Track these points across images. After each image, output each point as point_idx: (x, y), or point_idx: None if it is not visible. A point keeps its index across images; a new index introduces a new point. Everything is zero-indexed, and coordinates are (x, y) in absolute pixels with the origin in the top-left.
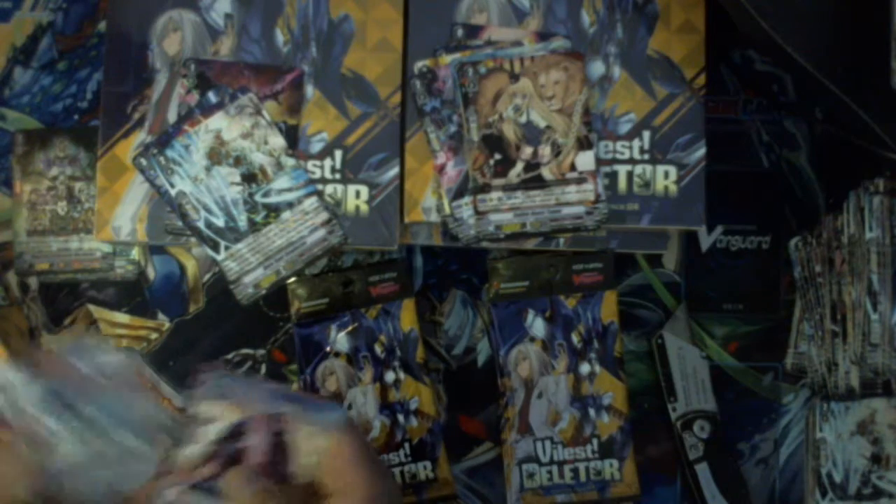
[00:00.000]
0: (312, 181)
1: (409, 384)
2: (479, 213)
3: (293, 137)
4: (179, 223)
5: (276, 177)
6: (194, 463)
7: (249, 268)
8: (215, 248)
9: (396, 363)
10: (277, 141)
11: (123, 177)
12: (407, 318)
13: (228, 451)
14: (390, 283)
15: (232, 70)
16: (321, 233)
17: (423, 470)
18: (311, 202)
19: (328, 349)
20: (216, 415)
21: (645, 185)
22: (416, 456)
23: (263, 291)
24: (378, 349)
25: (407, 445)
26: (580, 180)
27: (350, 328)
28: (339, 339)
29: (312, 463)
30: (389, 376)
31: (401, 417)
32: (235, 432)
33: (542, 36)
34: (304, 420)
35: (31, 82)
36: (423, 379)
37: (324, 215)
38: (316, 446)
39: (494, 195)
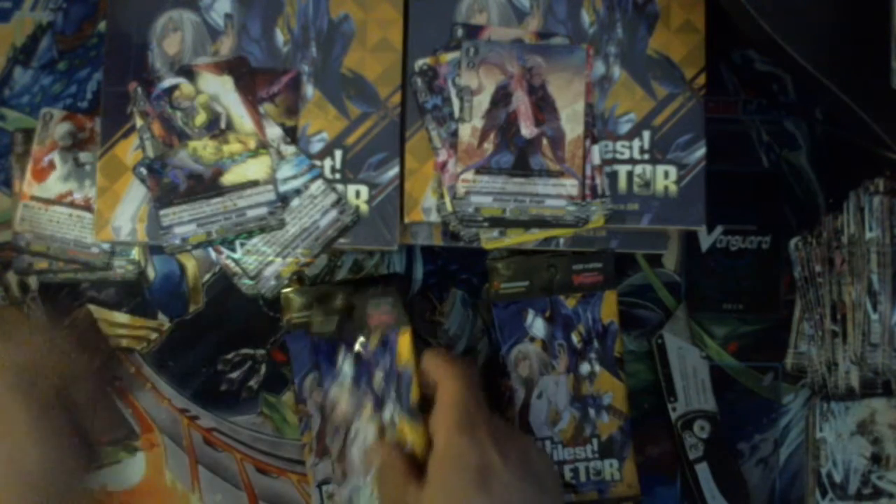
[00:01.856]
0: (315, 165)
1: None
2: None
3: (292, 138)
4: None
5: (278, 166)
6: None
7: (268, 260)
8: (230, 245)
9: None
10: (274, 131)
11: (123, 177)
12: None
13: None
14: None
15: None
16: (333, 214)
17: None
18: (318, 185)
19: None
20: None
21: (645, 185)
22: None
23: (286, 281)
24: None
25: None
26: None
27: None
28: None
29: None
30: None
31: None
32: None
33: (543, 36)
34: None
35: (31, 82)
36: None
37: (332, 196)
38: None
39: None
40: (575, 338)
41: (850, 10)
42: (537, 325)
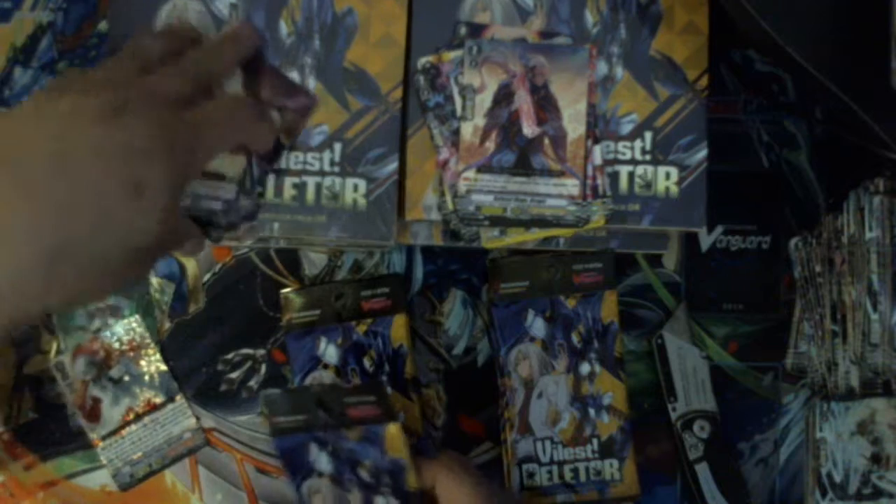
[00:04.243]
0: None
1: (395, 399)
2: (463, 194)
3: (278, 153)
4: None
5: None
6: None
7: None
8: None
9: (384, 378)
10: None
11: None
12: (397, 334)
13: None
14: (382, 298)
15: None
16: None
17: None
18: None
19: (319, 360)
20: None
21: (646, 186)
22: None
23: None
24: (367, 363)
25: None
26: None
27: (339, 341)
28: (329, 351)
29: None
30: None
31: None
32: None
33: (546, 35)
34: None
35: (31, 82)
36: (410, 395)
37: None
38: None
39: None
40: (575, 338)
41: (850, 10)
42: (537, 325)
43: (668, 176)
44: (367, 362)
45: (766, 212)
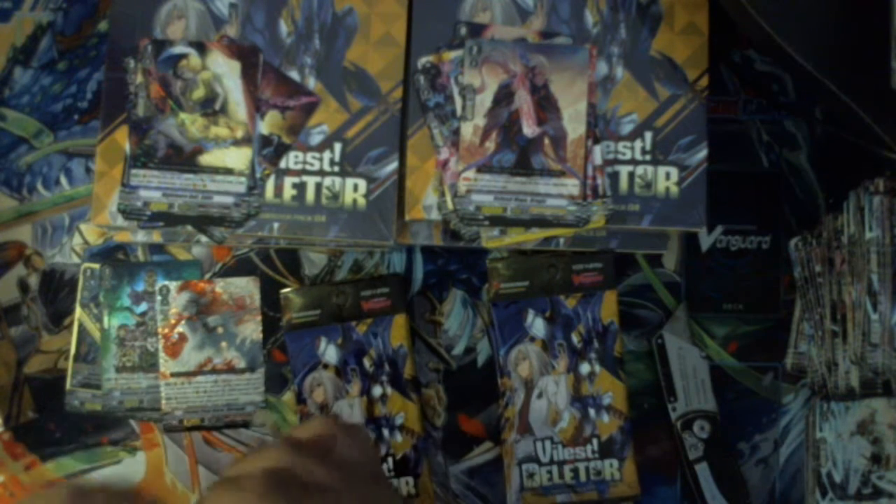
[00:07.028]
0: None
1: (395, 399)
2: (462, 194)
3: (281, 153)
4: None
5: None
6: None
7: None
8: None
9: (384, 378)
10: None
11: (122, 162)
12: (397, 334)
13: None
14: (382, 298)
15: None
16: None
17: (406, 486)
18: None
19: (319, 360)
20: None
21: (646, 186)
22: (399, 471)
23: None
24: (367, 363)
25: (390, 460)
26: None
27: (339, 341)
28: (329, 352)
29: None
30: (376, 391)
31: (385, 432)
32: None
33: (546, 35)
34: None
35: (31, 82)
36: (410, 395)
37: None
38: None
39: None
40: (575, 338)
41: (850, 10)
42: (537, 325)
43: (668, 176)
44: (367, 362)
45: (766, 212)
